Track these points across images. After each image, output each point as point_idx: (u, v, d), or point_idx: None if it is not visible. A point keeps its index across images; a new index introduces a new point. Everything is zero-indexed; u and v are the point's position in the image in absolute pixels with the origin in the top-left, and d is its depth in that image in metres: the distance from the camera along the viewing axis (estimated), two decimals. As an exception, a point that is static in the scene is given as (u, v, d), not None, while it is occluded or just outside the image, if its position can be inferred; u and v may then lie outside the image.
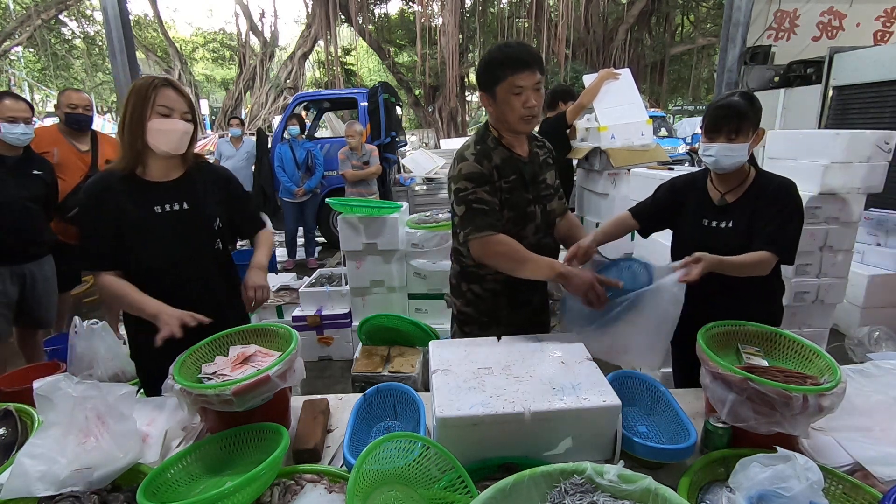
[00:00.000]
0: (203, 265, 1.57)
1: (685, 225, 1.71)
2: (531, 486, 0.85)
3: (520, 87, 1.43)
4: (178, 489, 1.05)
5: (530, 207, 1.60)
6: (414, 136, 16.27)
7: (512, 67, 1.42)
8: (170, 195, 1.49)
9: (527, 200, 1.59)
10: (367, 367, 2.56)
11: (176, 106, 1.43)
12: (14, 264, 2.47)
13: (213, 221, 1.57)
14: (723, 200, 1.61)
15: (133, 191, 1.45)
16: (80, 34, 18.41)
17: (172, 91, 1.43)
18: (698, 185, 1.70)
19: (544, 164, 1.68)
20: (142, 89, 1.40)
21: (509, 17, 17.41)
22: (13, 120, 2.36)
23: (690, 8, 18.35)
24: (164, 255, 1.49)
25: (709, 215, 1.63)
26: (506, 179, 1.55)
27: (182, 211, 1.50)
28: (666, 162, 3.94)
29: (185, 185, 1.53)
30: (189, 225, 1.51)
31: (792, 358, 1.27)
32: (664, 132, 13.17)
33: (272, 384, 1.14)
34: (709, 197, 1.66)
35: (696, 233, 1.64)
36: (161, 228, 1.47)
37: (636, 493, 0.80)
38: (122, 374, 2.47)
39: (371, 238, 3.22)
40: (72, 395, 1.07)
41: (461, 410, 1.08)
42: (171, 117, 1.42)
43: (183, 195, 1.51)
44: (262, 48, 18.20)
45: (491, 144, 1.56)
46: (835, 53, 4.57)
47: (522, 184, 1.58)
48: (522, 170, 1.58)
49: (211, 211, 1.56)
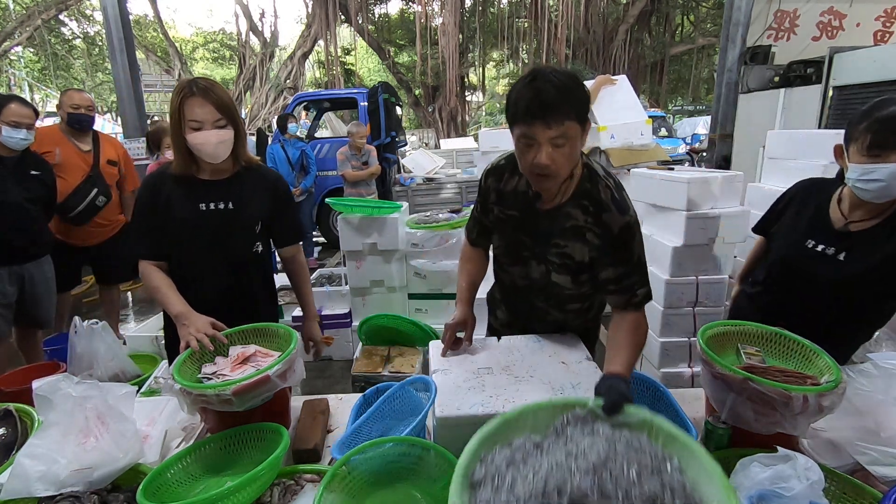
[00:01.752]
0: (240, 265, 1.59)
1: (782, 238, 1.47)
2: (535, 416, 0.89)
3: (530, 139, 1.14)
4: (178, 489, 1.05)
5: (525, 254, 1.39)
6: (414, 136, 16.27)
7: (521, 115, 1.13)
8: (216, 194, 1.52)
9: (521, 244, 1.39)
10: (367, 367, 2.56)
11: (205, 118, 1.39)
12: (13, 265, 2.47)
13: (255, 224, 1.58)
14: (845, 227, 1.34)
15: (184, 188, 1.49)
16: (80, 34, 18.41)
17: (199, 100, 1.39)
18: (820, 197, 1.42)
19: (573, 232, 1.29)
20: (175, 99, 1.40)
21: (509, 17, 17.40)
22: (16, 125, 2.37)
23: (690, 8, 18.34)
24: (203, 252, 1.53)
25: (818, 237, 1.37)
26: (504, 210, 1.38)
27: (226, 210, 1.52)
28: (666, 161, 3.95)
29: (233, 185, 1.54)
30: (231, 225, 1.53)
31: (792, 358, 1.27)
32: (664, 132, 13.17)
33: (272, 384, 1.14)
34: (826, 215, 1.38)
35: (794, 254, 1.41)
36: (203, 226, 1.50)
37: (634, 423, 0.85)
38: (122, 374, 2.47)
39: (371, 238, 3.22)
40: (72, 395, 1.07)
41: (461, 410, 1.08)
42: (203, 129, 1.40)
43: (229, 195, 1.53)
44: (262, 48, 18.19)
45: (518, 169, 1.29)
46: (835, 53, 4.57)
47: (520, 228, 1.36)
48: (526, 215, 1.34)
49: (253, 212, 1.57)
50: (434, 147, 13.24)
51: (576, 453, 0.79)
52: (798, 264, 1.41)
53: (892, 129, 1.17)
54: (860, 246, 1.31)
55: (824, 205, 1.41)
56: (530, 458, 0.80)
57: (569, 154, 1.15)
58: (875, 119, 1.20)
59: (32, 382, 1.12)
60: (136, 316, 4.50)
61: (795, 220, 1.47)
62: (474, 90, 21.26)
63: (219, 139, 1.42)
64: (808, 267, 1.37)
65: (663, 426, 0.82)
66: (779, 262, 1.49)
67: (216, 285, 1.56)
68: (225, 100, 1.43)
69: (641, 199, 3.14)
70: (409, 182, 6.59)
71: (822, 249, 1.35)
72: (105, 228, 3.15)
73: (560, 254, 1.32)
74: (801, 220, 1.44)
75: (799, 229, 1.43)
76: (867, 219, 1.32)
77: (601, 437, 0.83)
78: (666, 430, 0.82)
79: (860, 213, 1.33)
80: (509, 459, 0.80)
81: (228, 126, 1.44)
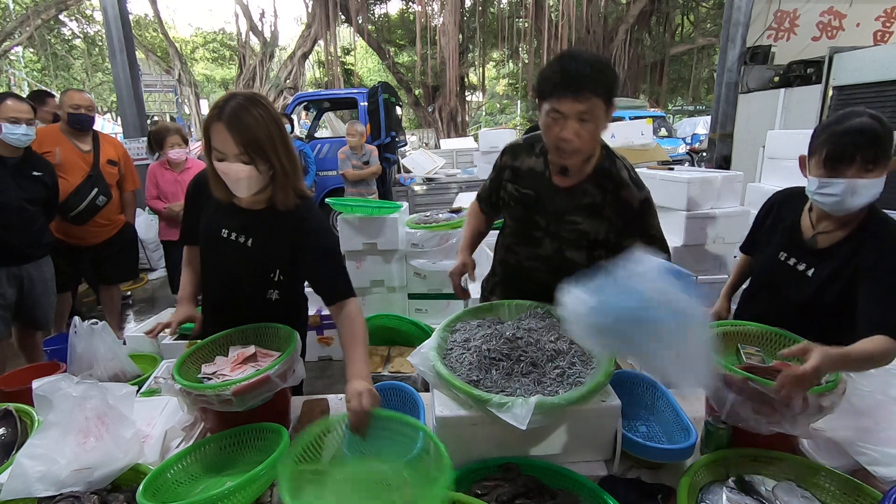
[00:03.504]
0: (251, 307, 1.45)
1: (759, 250, 1.49)
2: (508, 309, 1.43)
3: (557, 114, 1.19)
4: (178, 489, 1.05)
5: (537, 234, 1.42)
6: (414, 136, 16.27)
7: (550, 89, 1.18)
8: (239, 226, 1.37)
9: (534, 224, 1.41)
10: (367, 367, 2.56)
11: (226, 149, 1.20)
12: (11, 266, 2.46)
13: (270, 272, 1.41)
14: (813, 241, 1.32)
15: (218, 203, 1.36)
16: (80, 34, 18.40)
17: (222, 128, 1.19)
18: (794, 206, 1.41)
19: (589, 210, 1.34)
20: (206, 123, 1.23)
21: (509, 17, 17.41)
22: (15, 121, 2.35)
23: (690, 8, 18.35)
24: (218, 274, 1.47)
25: (790, 250, 1.36)
26: (519, 188, 1.42)
27: (241, 245, 1.37)
28: (666, 161, 3.95)
29: (258, 220, 1.36)
30: (245, 261, 1.38)
31: (792, 358, 1.27)
32: (664, 132, 13.16)
33: (272, 384, 1.14)
34: (798, 226, 1.37)
35: (768, 266, 1.41)
36: (221, 252, 1.41)
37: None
38: (122, 374, 2.47)
39: (371, 238, 3.22)
40: (71, 395, 1.08)
41: (461, 410, 1.08)
42: (226, 161, 1.21)
43: (249, 230, 1.37)
44: (262, 48, 18.18)
45: (536, 150, 1.40)
46: (835, 53, 4.57)
47: (536, 206, 1.39)
48: (542, 192, 1.38)
49: (270, 260, 1.39)
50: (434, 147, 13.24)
51: (523, 326, 1.29)
52: (770, 279, 1.41)
53: (848, 143, 1.14)
54: (826, 263, 1.29)
55: (797, 215, 1.40)
56: (494, 323, 1.34)
57: (593, 131, 1.20)
58: (832, 133, 1.18)
59: (32, 382, 1.12)
60: (136, 316, 4.49)
61: (772, 231, 1.46)
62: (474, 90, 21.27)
63: (240, 175, 1.22)
64: (778, 281, 1.37)
65: None
66: (756, 277, 1.50)
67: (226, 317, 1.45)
68: (255, 134, 1.19)
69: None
70: (409, 182, 6.59)
71: (794, 264, 1.35)
72: (105, 228, 3.15)
73: (575, 230, 1.36)
74: (776, 232, 1.44)
75: (773, 242, 1.43)
76: (833, 230, 1.29)
77: (544, 322, 1.34)
78: None
79: (826, 224, 1.30)
80: (479, 323, 1.35)
81: (256, 163, 1.22)
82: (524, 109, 22.62)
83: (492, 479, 1.03)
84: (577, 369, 1.16)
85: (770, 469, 1.08)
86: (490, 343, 1.23)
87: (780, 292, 1.36)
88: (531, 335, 1.25)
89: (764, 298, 1.45)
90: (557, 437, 1.11)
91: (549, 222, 1.39)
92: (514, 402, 0.98)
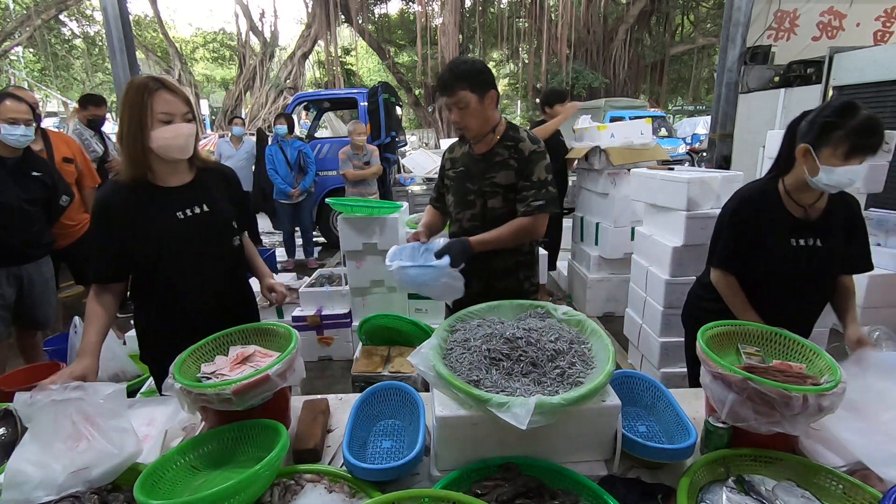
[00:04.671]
0: (225, 263, 1.59)
1: (769, 246, 1.56)
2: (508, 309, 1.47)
3: (446, 107, 1.71)
4: (176, 486, 1.05)
5: (470, 197, 1.80)
6: (414, 136, 16.27)
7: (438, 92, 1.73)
8: (188, 199, 1.47)
9: (467, 190, 1.80)
10: (367, 367, 2.56)
11: (175, 110, 1.37)
12: (11, 266, 2.46)
13: (231, 220, 1.57)
14: (807, 215, 1.53)
15: (149, 199, 1.41)
16: (80, 34, 18.41)
17: (168, 94, 1.36)
18: (770, 199, 1.56)
19: (500, 165, 1.74)
20: (136, 96, 1.33)
21: (509, 17, 17.41)
22: (14, 122, 2.35)
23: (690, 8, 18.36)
24: (191, 259, 1.48)
25: (796, 234, 1.53)
26: (454, 169, 1.87)
27: (203, 213, 1.48)
28: (666, 161, 3.94)
29: (200, 187, 1.51)
30: (210, 226, 1.50)
31: (792, 358, 1.27)
32: (664, 132, 13.17)
33: (272, 383, 1.14)
34: (788, 212, 1.54)
35: (788, 254, 1.53)
36: (186, 233, 1.45)
37: (573, 321, 1.37)
38: (122, 374, 2.47)
39: (371, 238, 3.22)
40: (54, 402, 1.05)
41: (461, 410, 1.08)
42: (173, 122, 1.36)
43: (200, 198, 1.49)
44: (262, 48, 18.20)
45: (463, 139, 1.85)
46: (835, 53, 4.57)
47: (466, 176, 1.81)
48: (470, 165, 1.81)
49: (226, 210, 1.56)
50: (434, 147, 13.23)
51: (523, 326, 1.31)
52: (795, 265, 1.53)
53: (871, 138, 1.35)
54: (825, 230, 1.51)
55: (780, 206, 1.55)
56: (494, 323, 1.35)
57: (472, 112, 1.67)
58: (852, 129, 1.35)
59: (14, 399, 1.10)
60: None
61: (761, 233, 1.55)
62: (474, 90, 21.22)
63: (189, 132, 1.40)
64: (801, 262, 1.52)
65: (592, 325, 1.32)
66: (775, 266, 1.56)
67: (211, 288, 1.54)
68: (187, 95, 1.43)
69: (641, 199, 3.14)
70: (409, 182, 6.59)
71: (805, 244, 1.51)
72: (73, 228, 3.12)
73: (491, 183, 1.75)
74: (769, 230, 1.55)
75: (773, 238, 1.54)
76: (813, 202, 1.52)
77: (544, 322, 1.37)
78: (592, 327, 1.31)
79: (807, 199, 1.52)
80: (479, 323, 1.37)
81: (193, 122, 1.42)
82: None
83: (492, 479, 1.03)
84: (577, 369, 1.16)
85: (770, 469, 1.08)
86: (490, 343, 1.23)
87: (796, 277, 1.52)
88: (531, 335, 1.25)
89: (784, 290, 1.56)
90: (557, 436, 1.11)
91: (476, 184, 1.78)
92: (514, 402, 0.98)
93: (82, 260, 3.24)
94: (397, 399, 1.38)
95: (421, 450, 1.08)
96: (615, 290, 3.94)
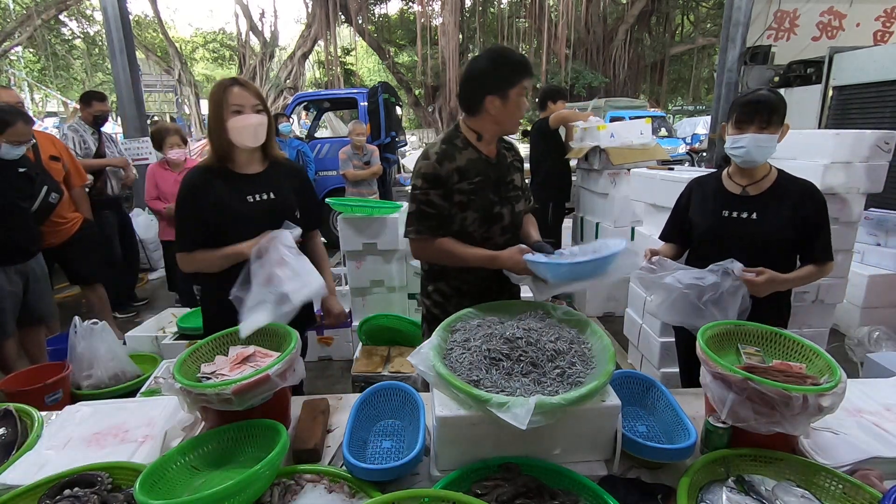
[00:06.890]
0: None
1: (701, 216, 1.77)
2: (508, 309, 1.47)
3: (525, 91, 1.52)
4: (176, 486, 1.05)
5: (496, 209, 1.59)
6: (414, 136, 16.28)
7: (521, 73, 1.50)
8: (258, 186, 1.65)
9: (492, 202, 1.58)
10: (367, 367, 2.57)
11: (245, 101, 1.55)
12: (18, 263, 2.49)
13: (294, 210, 1.71)
14: (745, 192, 1.69)
15: (228, 182, 1.61)
16: (80, 34, 18.40)
17: (240, 88, 1.56)
18: (712, 180, 1.80)
19: (511, 167, 1.70)
20: (216, 94, 1.56)
21: (509, 17, 17.42)
22: (18, 143, 2.39)
23: (690, 8, 18.36)
24: (253, 236, 1.58)
25: (729, 207, 1.70)
26: (469, 181, 1.54)
27: (270, 200, 1.65)
28: (666, 161, 3.94)
29: (270, 176, 1.69)
30: (276, 213, 1.65)
31: (792, 358, 1.27)
32: (664, 132, 13.16)
33: (272, 383, 1.14)
34: (726, 189, 1.73)
35: (716, 223, 1.71)
36: (254, 216, 1.61)
37: (573, 321, 1.39)
38: (123, 374, 2.47)
39: (371, 238, 3.22)
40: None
41: (461, 410, 1.08)
42: (244, 112, 1.55)
43: (269, 186, 1.66)
44: (262, 48, 18.19)
45: (459, 145, 1.56)
46: (835, 53, 4.57)
47: (488, 185, 1.57)
48: (488, 171, 1.58)
49: (290, 200, 1.71)
50: (434, 147, 13.21)
51: (523, 326, 1.31)
52: (721, 232, 1.70)
53: (752, 108, 1.57)
54: (763, 207, 1.65)
55: (720, 184, 1.75)
56: (494, 323, 1.35)
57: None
58: (741, 101, 1.62)
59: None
60: (135, 315, 4.49)
61: (702, 204, 1.78)
62: (474, 90, 21.21)
63: (258, 121, 1.57)
64: (729, 231, 1.68)
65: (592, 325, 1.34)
66: (704, 235, 1.76)
67: None
68: (259, 91, 1.62)
69: (641, 199, 3.14)
70: (409, 182, 6.59)
71: (738, 215, 1.68)
72: (64, 227, 3.12)
73: (513, 187, 1.67)
74: (706, 202, 1.76)
75: (708, 208, 1.74)
76: (755, 181, 1.67)
77: (544, 322, 1.37)
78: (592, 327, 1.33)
79: (745, 178, 1.69)
80: (479, 323, 1.36)
81: (264, 114, 1.60)
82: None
83: (492, 479, 1.03)
84: (577, 369, 1.16)
85: (770, 469, 1.08)
86: (490, 343, 1.23)
87: (726, 244, 1.66)
88: (531, 335, 1.25)
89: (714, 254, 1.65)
90: (557, 436, 1.11)
91: (498, 192, 1.61)
92: (514, 402, 0.98)
93: (76, 260, 3.25)
94: (397, 399, 1.38)
95: (421, 450, 1.08)
96: (615, 290, 3.93)
